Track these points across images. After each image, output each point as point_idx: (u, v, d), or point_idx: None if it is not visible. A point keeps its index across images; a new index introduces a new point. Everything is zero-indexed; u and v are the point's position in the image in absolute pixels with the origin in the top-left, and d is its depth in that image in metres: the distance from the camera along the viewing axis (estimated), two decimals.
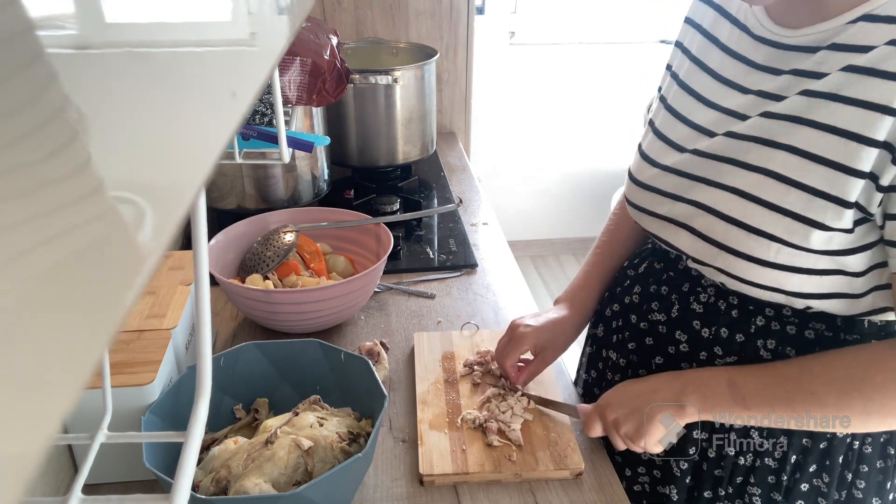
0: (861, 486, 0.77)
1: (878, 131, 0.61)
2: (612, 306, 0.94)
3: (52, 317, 0.14)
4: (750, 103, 0.72)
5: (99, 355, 0.16)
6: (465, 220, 1.46)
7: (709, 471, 0.81)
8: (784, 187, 0.67)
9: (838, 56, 0.65)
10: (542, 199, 3.32)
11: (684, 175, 0.77)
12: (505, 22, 2.92)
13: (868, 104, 0.62)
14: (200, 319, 0.42)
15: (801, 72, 0.68)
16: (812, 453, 0.77)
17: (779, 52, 0.71)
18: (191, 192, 0.22)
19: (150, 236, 0.19)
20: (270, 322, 1.02)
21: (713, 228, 0.73)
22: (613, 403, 0.79)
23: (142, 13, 0.20)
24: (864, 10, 0.64)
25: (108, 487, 0.78)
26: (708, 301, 0.79)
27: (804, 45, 0.69)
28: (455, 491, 0.79)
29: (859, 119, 0.62)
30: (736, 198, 0.71)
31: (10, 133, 0.13)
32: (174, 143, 0.21)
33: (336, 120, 1.52)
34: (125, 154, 0.18)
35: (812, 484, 0.78)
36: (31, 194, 0.13)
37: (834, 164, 0.64)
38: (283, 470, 0.70)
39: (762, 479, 0.79)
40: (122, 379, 0.73)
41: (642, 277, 0.88)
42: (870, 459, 0.77)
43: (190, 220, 0.41)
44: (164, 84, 0.21)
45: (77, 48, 0.16)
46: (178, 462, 0.38)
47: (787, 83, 0.69)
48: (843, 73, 0.64)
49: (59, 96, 0.15)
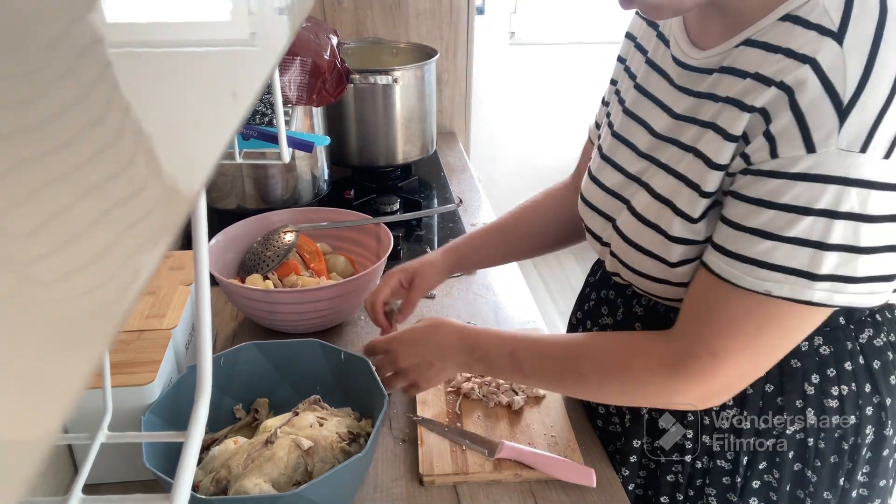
0: (814, 481, 0.77)
1: (723, 156, 0.64)
2: (577, 314, 0.96)
3: (52, 316, 0.14)
4: (670, 125, 0.73)
5: (100, 355, 0.16)
6: (465, 220, 1.46)
7: (662, 476, 0.82)
8: (661, 206, 0.70)
9: (725, 79, 0.66)
10: None
11: (616, 196, 0.79)
12: (505, 22, 2.92)
13: (727, 134, 0.64)
14: (200, 319, 0.42)
15: (702, 94, 0.69)
16: (762, 451, 0.77)
17: (687, 73, 0.72)
18: (191, 192, 0.22)
19: (150, 236, 0.19)
20: (270, 322, 1.02)
21: (620, 249, 0.77)
22: (406, 351, 0.82)
23: (142, 13, 0.20)
24: (747, 34, 0.65)
25: (108, 487, 0.78)
26: (648, 304, 0.81)
27: (705, 68, 0.69)
28: (455, 491, 0.79)
29: (718, 148, 0.65)
30: (634, 219, 0.74)
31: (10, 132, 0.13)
32: (174, 143, 0.21)
33: (336, 120, 1.52)
34: (125, 154, 0.18)
35: (763, 480, 0.78)
36: (29, 194, 0.13)
37: (692, 183, 0.67)
38: (283, 470, 0.70)
39: (717, 481, 0.79)
40: (123, 379, 0.73)
41: (598, 284, 0.91)
42: (823, 454, 0.77)
43: (190, 220, 0.41)
44: (164, 84, 0.21)
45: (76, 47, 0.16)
46: (178, 462, 0.38)
47: (692, 105, 0.70)
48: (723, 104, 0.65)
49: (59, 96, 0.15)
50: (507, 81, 3.02)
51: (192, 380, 0.71)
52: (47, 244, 0.14)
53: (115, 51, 0.18)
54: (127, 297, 0.17)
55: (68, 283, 0.14)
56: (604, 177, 0.81)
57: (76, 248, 0.15)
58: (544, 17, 2.93)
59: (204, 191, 0.35)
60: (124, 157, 0.18)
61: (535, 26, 2.94)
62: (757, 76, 0.62)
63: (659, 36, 0.78)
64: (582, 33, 2.97)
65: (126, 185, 0.18)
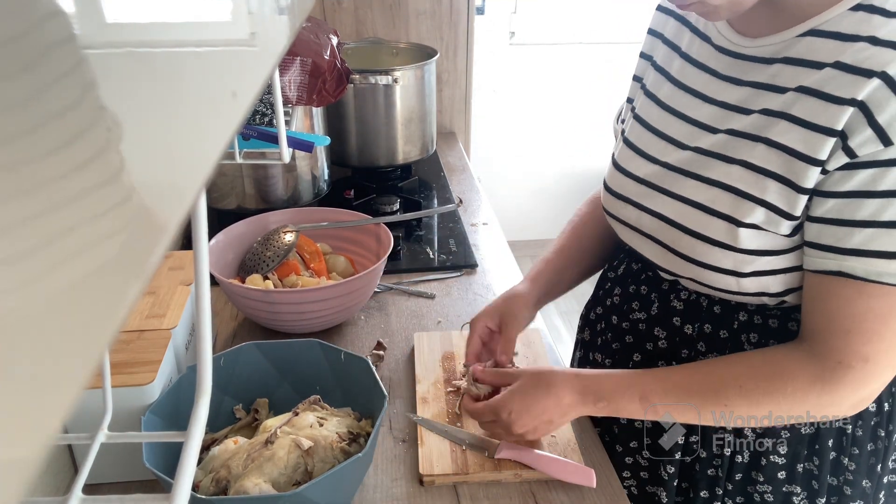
0: (852, 469, 0.78)
1: (821, 151, 0.63)
2: (596, 309, 0.95)
3: (52, 316, 0.14)
4: (716, 114, 0.73)
5: (100, 355, 0.16)
6: (465, 220, 1.46)
7: (702, 471, 0.81)
8: (741, 201, 0.69)
9: (791, 70, 0.66)
10: (542, 199, 3.32)
11: (652, 186, 0.78)
12: (505, 22, 2.92)
13: (814, 126, 0.63)
14: (200, 319, 0.42)
15: (759, 84, 0.69)
16: (802, 440, 0.77)
17: (738, 63, 0.72)
18: (191, 193, 0.22)
19: (150, 236, 0.19)
20: (270, 322, 1.02)
21: (678, 241, 0.74)
22: (518, 420, 0.76)
23: (142, 13, 0.20)
24: (811, 24, 0.65)
25: (108, 487, 0.78)
26: (689, 298, 0.79)
27: (760, 57, 0.70)
28: (455, 491, 0.79)
29: (805, 140, 0.64)
30: (697, 211, 0.72)
31: (9, 130, 0.13)
32: (174, 143, 0.21)
33: (336, 120, 1.52)
34: (125, 154, 0.18)
35: (805, 467, 0.78)
36: (29, 194, 0.13)
37: (785, 179, 0.66)
38: (283, 470, 0.70)
39: (769, 474, 0.79)
40: (122, 379, 0.72)
41: (622, 279, 0.89)
42: (861, 442, 0.77)
43: (190, 220, 0.41)
44: (164, 84, 0.21)
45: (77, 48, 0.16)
46: (178, 462, 0.38)
47: (746, 95, 0.70)
48: (794, 93, 0.65)
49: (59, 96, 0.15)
50: (507, 81, 3.02)
51: (192, 380, 0.71)
52: (48, 244, 0.14)
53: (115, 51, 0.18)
54: (127, 297, 0.17)
55: (67, 282, 0.14)
56: (633, 167, 0.81)
57: (76, 248, 0.15)
58: (544, 17, 2.93)
59: (204, 191, 0.35)
60: (124, 157, 0.18)
61: (535, 26, 2.94)
62: (838, 65, 0.62)
63: (693, 30, 0.78)
64: (582, 33, 2.97)
65: (124, 184, 0.18)
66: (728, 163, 0.70)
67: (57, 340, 0.14)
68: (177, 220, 0.20)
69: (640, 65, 0.88)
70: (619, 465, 0.88)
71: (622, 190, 0.82)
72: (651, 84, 0.83)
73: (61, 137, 0.15)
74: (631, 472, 0.87)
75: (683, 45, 0.79)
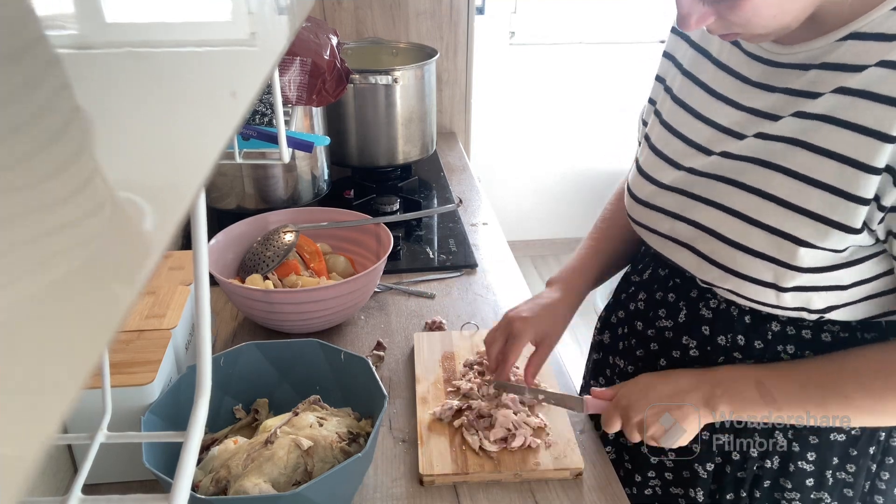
0: (885, 478, 0.77)
1: (877, 158, 0.61)
2: (618, 313, 0.92)
3: (51, 316, 0.14)
4: (744, 120, 0.72)
5: (99, 355, 0.16)
6: (465, 220, 1.46)
7: (731, 473, 0.81)
8: (784, 211, 0.67)
9: (829, 75, 0.65)
10: (542, 199, 3.32)
11: (684, 193, 0.76)
12: (505, 22, 2.92)
13: (864, 129, 0.61)
14: (200, 319, 0.42)
15: (794, 91, 0.68)
16: (834, 446, 0.76)
17: (771, 70, 0.70)
18: (191, 192, 0.22)
19: (150, 236, 0.19)
20: (270, 322, 1.02)
21: (717, 251, 0.72)
22: (636, 404, 0.76)
23: (142, 13, 0.20)
24: (852, 27, 0.64)
25: (108, 487, 0.78)
26: (718, 307, 0.77)
27: (796, 63, 0.68)
28: (455, 491, 0.79)
29: (856, 144, 0.62)
30: (737, 221, 0.70)
31: (9, 129, 0.13)
32: (174, 142, 0.21)
33: (336, 120, 1.52)
34: (125, 154, 0.18)
35: (836, 477, 0.77)
36: (29, 193, 0.13)
37: (833, 189, 0.64)
38: (283, 470, 0.70)
39: (796, 479, 0.78)
40: (122, 379, 0.72)
41: (647, 284, 0.87)
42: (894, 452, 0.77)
43: (190, 220, 0.41)
44: (164, 84, 0.21)
45: (77, 48, 0.16)
46: (178, 462, 0.38)
47: (779, 102, 0.69)
48: (835, 95, 0.64)
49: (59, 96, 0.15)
50: (507, 81, 3.02)
51: (192, 380, 0.71)
52: (47, 243, 0.14)
53: (115, 51, 0.18)
54: (126, 296, 0.17)
55: (67, 282, 0.14)
56: (661, 175, 0.79)
57: (76, 248, 0.15)
58: (544, 17, 2.93)
59: (204, 191, 0.35)
60: (124, 157, 0.18)
61: (535, 26, 2.94)
62: (884, 63, 0.61)
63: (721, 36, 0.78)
64: (582, 33, 2.97)
65: (126, 185, 0.18)
66: (768, 168, 0.68)
67: (56, 340, 0.14)
68: (176, 220, 0.20)
69: (662, 64, 0.86)
70: (644, 466, 0.87)
71: (652, 199, 0.80)
72: (678, 88, 0.81)
73: (61, 137, 0.15)
74: (656, 472, 0.87)
75: (714, 51, 0.77)
